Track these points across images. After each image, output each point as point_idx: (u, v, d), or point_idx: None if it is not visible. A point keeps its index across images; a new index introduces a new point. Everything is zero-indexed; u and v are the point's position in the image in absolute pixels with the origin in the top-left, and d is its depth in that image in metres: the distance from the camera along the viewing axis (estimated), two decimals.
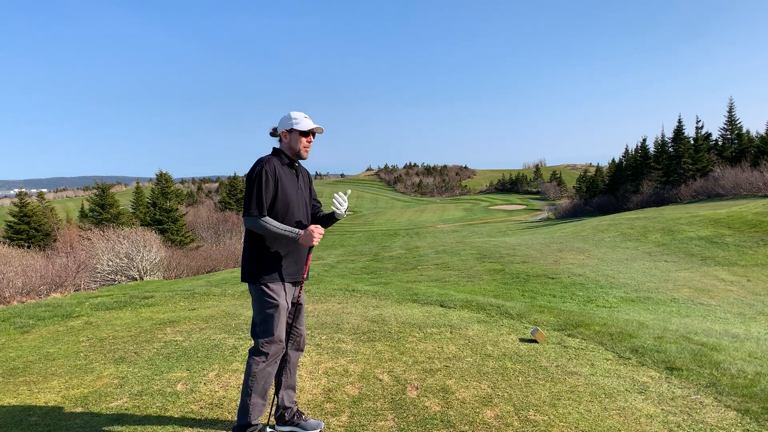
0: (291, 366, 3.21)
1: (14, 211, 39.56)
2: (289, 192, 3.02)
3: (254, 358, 2.96)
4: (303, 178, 3.19)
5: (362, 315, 6.24)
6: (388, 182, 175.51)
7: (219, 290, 8.45)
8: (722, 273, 11.99)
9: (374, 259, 15.17)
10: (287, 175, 3.05)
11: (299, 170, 3.16)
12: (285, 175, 3.03)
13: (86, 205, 49.75)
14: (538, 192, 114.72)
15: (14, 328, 6.04)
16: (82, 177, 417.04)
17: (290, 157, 3.10)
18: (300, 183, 3.14)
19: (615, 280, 10.89)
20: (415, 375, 4.09)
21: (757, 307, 9.02)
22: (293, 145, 3.07)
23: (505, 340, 5.08)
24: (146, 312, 6.87)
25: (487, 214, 78.95)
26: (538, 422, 3.26)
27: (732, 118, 48.42)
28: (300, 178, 3.15)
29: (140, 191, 51.94)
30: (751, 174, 36.78)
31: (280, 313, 2.98)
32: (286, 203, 3.00)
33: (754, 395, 3.62)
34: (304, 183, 3.18)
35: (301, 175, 3.17)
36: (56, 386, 4.04)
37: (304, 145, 3.07)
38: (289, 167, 3.09)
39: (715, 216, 18.74)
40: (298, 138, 3.05)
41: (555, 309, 6.77)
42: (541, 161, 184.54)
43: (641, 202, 45.68)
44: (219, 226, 41.83)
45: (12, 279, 16.32)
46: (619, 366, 4.33)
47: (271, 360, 2.98)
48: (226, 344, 5.02)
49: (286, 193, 3.01)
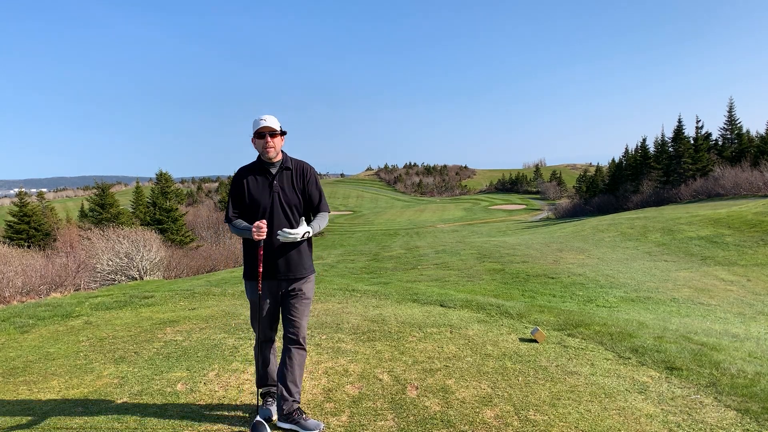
0: (290, 361, 3.25)
1: (14, 210, 39.54)
2: (256, 196, 3.18)
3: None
4: (287, 179, 3.22)
5: (362, 315, 6.24)
6: (388, 182, 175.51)
7: (219, 290, 8.45)
8: (722, 273, 11.99)
9: (374, 259, 15.17)
10: (256, 180, 3.20)
11: (280, 172, 3.22)
12: (254, 180, 3.20)
13: (86, 205, 49.74)
14: (538, 192, 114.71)
15: (14, 327, 6.04)
16: (82, 177, 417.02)
17: (264, 161, 3.22)
18: (278, 184, 3.19)
19: (615, 279, 10.89)
20: (415, 375, 4.08)
21: (757, 307, 9.02)
22: (257, 149, 3.22)
23: (505, 340, 5.08)
24: (146, 312, 6.88)
25: (487, 213, 78.99)
26: (538, 422, 3.26)
27: (732, 118, 48.44)
28: (277, 180, 3.20)
29: (140, 191, 51.95)
30: (751, 174, 36.79)
31: (252, 307, 3.33)
32: (255, 206, 3.18)
33: (754, 395, 3.62)
34: (285, 184, 3.20)
35: (279, 178, 3.20)
36: (56, 386, 4.04)
37: (262, 146, 3.16)
38: (261, 171, 3.22)
39: (715, 216, 18.74)
40: (257, 141, 3.18)
41: (555, 309, 6.77)
42: (541, 161, 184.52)
43: (641, 202, 45.67)
44: (219, 226, 41.81)
45: (12, 279, 16.32)
46: (619, 366, 4.32)
47: (256, 344, 3.36)
48: (226, 344, 5.02)
49: (253, 197, 3.18)
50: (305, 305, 3.28)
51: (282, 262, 3.18)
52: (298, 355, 3.26)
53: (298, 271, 3.24)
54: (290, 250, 3.19)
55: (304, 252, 3.27)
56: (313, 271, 3.36)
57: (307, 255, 3.30)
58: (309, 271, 3.30)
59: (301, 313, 3.25)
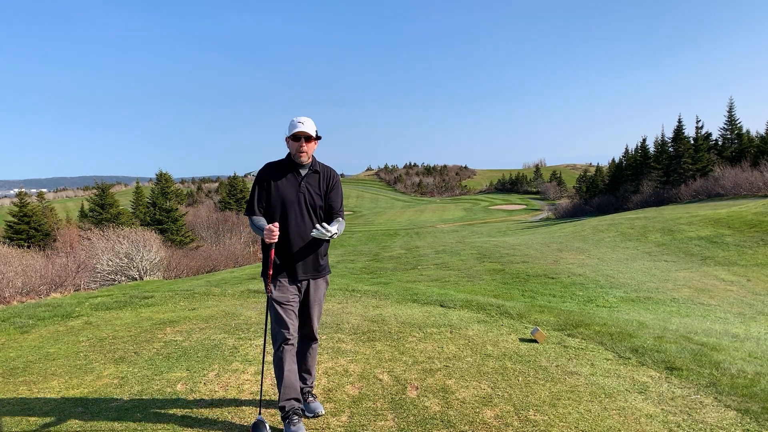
0: (310, 353, 3.48)
1: (14, 211, 39.54)
2: (283, 193, 3.23)
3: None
4: (314, 181, 3.29)
5: (362, 315, 6.23)
6: (388, 182, 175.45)
7: (219, 290, 8.45)
8: (722, 273, 11.99)
9: (374, 259, 15.18)
10: (285, 178, 3.26)
11: (309, 174, 3.29)
12: (282, 177, 3.26)
13: (86, 205, 49.75)
14: (538, 192, 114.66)
15: (14, 328, 6.04)
16: (82, 177, 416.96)
17: (293, 160, 3.27)
18: (304, 185, 3.25)
19: (615, 280, 10.89)
20: (415, 375, 4.08)
21: (757, 307, 9.02)
22: (290, 150, 3.28)
23: (505, 340, 5.08)
24: (146, 312, 6.87)
25: (487, 214, 78.97)
26: (538, 422, 3.26)
27: (732, 118, 48.41)
28: (305, 180, 3.27)
29: (140, 191, 51.94)
30: (751, 174, 36.77)
31: (274, 306, 3.22)
32: (280, 203, 3.22)
33: (754, 395, 3.62)
34: (312, 186, 3.28)
35: (307, 179, 3.28)
36: (56, 386, 4.04)
37: (296, 150, 3.22)
38: (290, 170, 3.27)
39: (715, 216, 18.74)
40: (291, 143, 3.24)
41: (555, 309, 6.77)
42: (541, 161, 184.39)
43: (641, 202, 45.66)
44: (219, 226, 41.82)
45: (12, 279, 16.32)
46: (619, 366, 4.32)
47: (277, 348, 3.21)
48: (226, 344, 5.02)
49: (279, 194, 3.23)
50: (322, 303, 3.45)
51: (309, 260, 3.28)
52: (315, 348, 3.51)
53: (321, 270, 3.37)
54: (317, 249, 3.30)
55: (326, 251, 3.42)
56: (330, 270, 3.51)
57: (326, 255, 3.46)
58: (328, 270, 3.46)
59: (319, 311, 3.44)
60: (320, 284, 3.39)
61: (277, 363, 3.19)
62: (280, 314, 3.20)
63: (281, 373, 3.17)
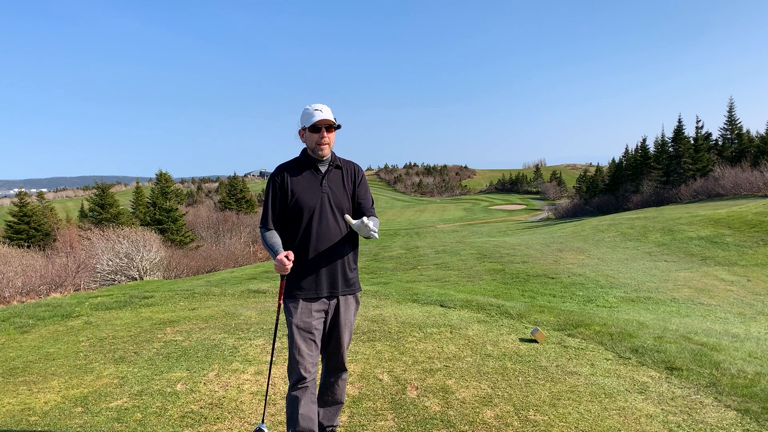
0: (339, 384, 2.96)
1: (14, 210, 39.54)
2: (303, 196, 2.72)
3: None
4: (336, 178, 2.81)
5: (362, 315, 6.23)
6: (388, 182, 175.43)
7: (219, 290, 8.45)
8: (722, 273, 11.99)
9: (374, 259, 15.18)
10: (303, 178, 2.75)
11: (330, 170, 2.80)
12: (300, 178, 2.75)
13: (86, 205, 49.72)
14: (538, 192, 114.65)
15: (14, 328, 6.04)
16: (82, 177, 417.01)
17: (312, 156, 2.78)
18: (327, 184, 2.76)
19: (615, 280, 10.89)
20: (415, 375, 4.08)
21: (757, 307, 9.02)
22: (308, 144, 2.78)
23: (505, 340, 5.08)
24: (146, 312, 6.87)
25: (487, 214, 78.95)
26: (538, 422, 3.26)
27: (732, 118, 48.40)
28: (326, 179, 2.77)
29: (140, 191, 51.92)
30: (751, 174, 36.76)
31: (293, 332, 2.70)
32: (300, 208, 2.71)
33: (754, 395, 3.62)
34: (335, 184, 2.79)
35: (329, 176, 2.78)
36: (56, 386, 4.04)
37: (316, 142, 2.71)
38: (308, 167, 2.78)
39: (715, 216, 18.73)
40: (309, 135, 2.74)
41: (555, 309, 6.77)
42: (541, 161, 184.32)
43: (641, 202, 45.64)
44: (219, 226, 41.80)
45: (12, 279, 16.32)
46: (619, 366, 4.32)
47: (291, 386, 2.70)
48: (226, 344, 5.02)
49: (299, 198, 2.72)
50: (352, 327, 2.91)
51: (338, 272, 2.76)
52: (344, 379, 2.98)
53: (351, 284, 2.83)
54: (344, 257, 2.78)
55: (356, 262, 2.88)
56: (360, 287, 2.93)
57: (356, 267, 2.89)
58: (358, 286, 2.90)
59: (350, 336, 2.90)
60: (351, 303, 2.83)
61: (290, 402, 2.68)
62: (299, 345, 2.67)
63: (294, 418, 2.66)
